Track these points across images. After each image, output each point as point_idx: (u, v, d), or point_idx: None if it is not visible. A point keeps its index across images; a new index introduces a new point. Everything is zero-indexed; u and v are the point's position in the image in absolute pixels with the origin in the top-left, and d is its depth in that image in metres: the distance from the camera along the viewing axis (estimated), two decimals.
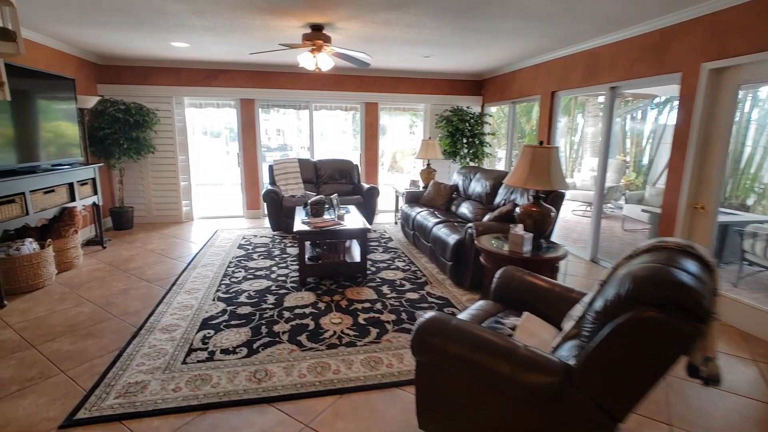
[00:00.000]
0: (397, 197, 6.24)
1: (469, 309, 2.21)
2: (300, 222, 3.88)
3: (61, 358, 2.53)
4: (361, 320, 3.03)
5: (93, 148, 5.27)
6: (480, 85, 6.98)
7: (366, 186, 5.86)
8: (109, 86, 5.71)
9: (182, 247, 4.88)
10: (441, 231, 3.96)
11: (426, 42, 4.43)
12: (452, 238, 3.69)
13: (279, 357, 2.54)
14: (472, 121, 6.28)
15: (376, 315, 3.12)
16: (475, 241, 3.07)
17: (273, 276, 3.89)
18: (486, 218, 3.83)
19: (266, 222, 6.23)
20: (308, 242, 4.19)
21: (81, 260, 4.23)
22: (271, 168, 6.01)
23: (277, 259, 4.41)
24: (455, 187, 5.17)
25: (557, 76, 4.99)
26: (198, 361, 2.48)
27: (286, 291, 3.54)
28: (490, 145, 6.46)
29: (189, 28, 3.95)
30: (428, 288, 3.67)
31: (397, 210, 6.26)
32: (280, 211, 5.42)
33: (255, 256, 4.52)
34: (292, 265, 4.22)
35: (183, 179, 6.22)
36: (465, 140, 6.31)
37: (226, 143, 20.40)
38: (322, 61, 3.86)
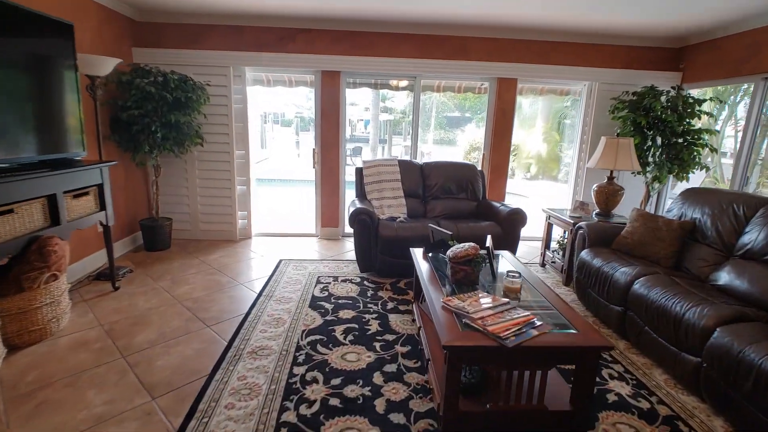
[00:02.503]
0: (548, 224, 4.03)
1: None
2: (439, 308, 1.86)
3: None
4: None
5: (116, 137, 3.69)
6: (677, 56, 4.49)
7: (504, 208, 3.73)
8: (148, 51, 4.11)
9: (227, 296, 3.13)
10: None
11: None
12: None
13: None
14: (681, 109, 3.85)
15: None
16: None
17: (381, 407, 1.94)
18: None
19: (347, 247, 4.36)
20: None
21: (65, 321, 2.60)
22: (359, 172, 4.10)
23: (377, 344, 2.46)
24: (689, 226, 2.86)
25: None
26: None
27: None
28: (715, 151, 3.99)
29: None
30: None
31: (547, 246, 4.05)
32: (374, 244, 3.48)
33: (338, 330, 2.62)
34: (405, 363, 2.25)
35: (240, 183, 4.52)
36: (671, 139, 3.90)
37: (296, 133, 19.22)
38: None
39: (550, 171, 9.17)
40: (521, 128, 9.25)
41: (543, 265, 4.05)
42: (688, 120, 3.88)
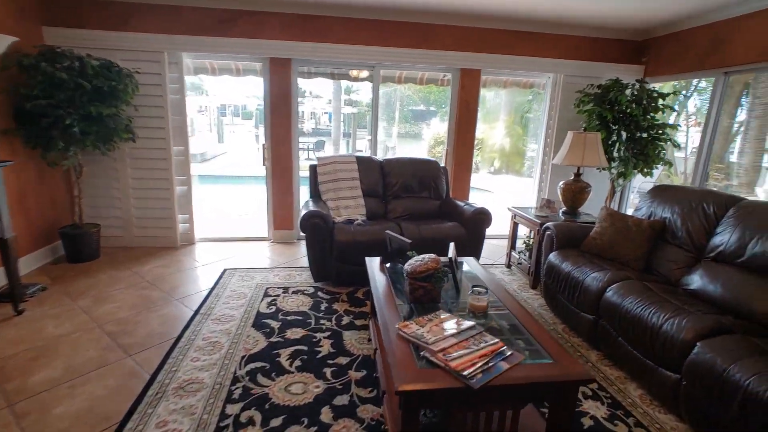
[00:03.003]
0: (514, 223, 3.85)
1: None
2: (393, 336, 1.58)
3: None
4: None
5: (21, 131, 3.15)
6: (639, 49, 4.42)
7: (468, 208, 3.50)
8: (64, 31, 3.55)
9: (158, 315, 2.71)
10: None
11: None
12: None
13: None
14: (646, 102, 3.76)
15: None
16: None
17: None
18: None
19: (302, 252, 4.01)
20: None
21: None
22: (314, 170, 3.75)
23: (327, 370, 2.15)
24: (659, 226, 2.73)
25: None
26: None
27: None
28: (679, 146, 3.93)
29: None
30: None
31: (512, 246, 3.88)
32: (329, 250, 3.16)
33: (284, 355, 2.28)
34: (359, 393, 1.96)
35: (180, 182, 4.06)
36: (635, 134, 3.80)
37: (255, 126, 18.39)
38: None
39: (513, 165, 9.12)
40: (485, 122, 9.14)
41: (509, 266, 3.88)
42: (651, 114, 3.79)
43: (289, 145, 4.15)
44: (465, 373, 1.33)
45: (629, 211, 4.68)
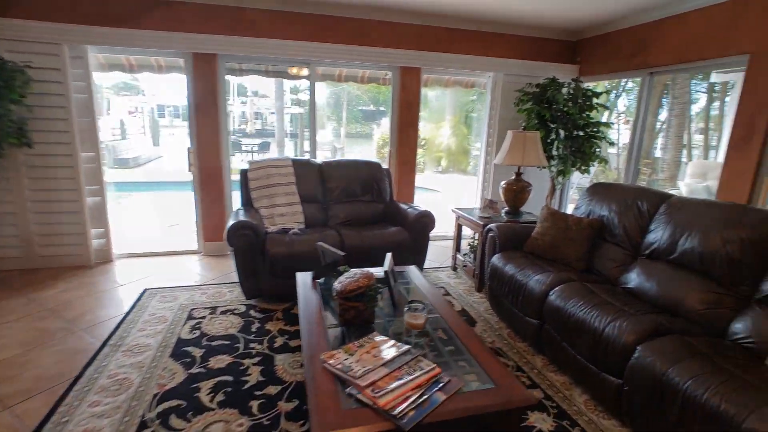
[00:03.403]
0: (458, 225, 3.77)
1: None
2: (317, 370, 1.37)
3: None
4: None
5: None
6: (573, 49, 4.52)
7: (412, 211, 3.36)
8: None
9: (54, 352, 2.31)
10: None
11: None
12: None
13: None
14: (581, 101, 3.82)
15: None
16: None
17: None
18: None
19: (234, 266, 3.67)
20: None
21: None
22: (244, 175, 3.44)
23: (254, 404, 1.90)
24: (597, 224, 2.73)
25: None
26: None
27: None
28: (613, 143, 4.03)
29: None
30: None
31: (458, 248, 3.80)
32: (260, 262, 2.88)
33: (205, 388, 2.00)
34: (289, 429, 1.74)
35: (91, 193, 3.58)
36: (572, 132, 3.86)
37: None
38: None
39: (459, 164, 9.23)
40: (430, 121, 9.16)
41: (455, 268, 3.80)
42: (587, 113, 3.87)
43: (218, 147, 3.80)
44: (395, 411, 1.15)
45: (569, 208, 4.80)
